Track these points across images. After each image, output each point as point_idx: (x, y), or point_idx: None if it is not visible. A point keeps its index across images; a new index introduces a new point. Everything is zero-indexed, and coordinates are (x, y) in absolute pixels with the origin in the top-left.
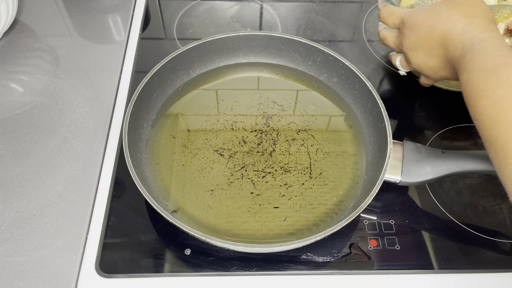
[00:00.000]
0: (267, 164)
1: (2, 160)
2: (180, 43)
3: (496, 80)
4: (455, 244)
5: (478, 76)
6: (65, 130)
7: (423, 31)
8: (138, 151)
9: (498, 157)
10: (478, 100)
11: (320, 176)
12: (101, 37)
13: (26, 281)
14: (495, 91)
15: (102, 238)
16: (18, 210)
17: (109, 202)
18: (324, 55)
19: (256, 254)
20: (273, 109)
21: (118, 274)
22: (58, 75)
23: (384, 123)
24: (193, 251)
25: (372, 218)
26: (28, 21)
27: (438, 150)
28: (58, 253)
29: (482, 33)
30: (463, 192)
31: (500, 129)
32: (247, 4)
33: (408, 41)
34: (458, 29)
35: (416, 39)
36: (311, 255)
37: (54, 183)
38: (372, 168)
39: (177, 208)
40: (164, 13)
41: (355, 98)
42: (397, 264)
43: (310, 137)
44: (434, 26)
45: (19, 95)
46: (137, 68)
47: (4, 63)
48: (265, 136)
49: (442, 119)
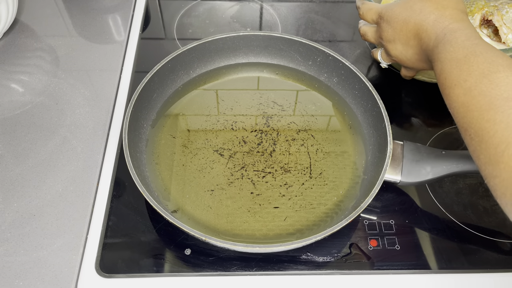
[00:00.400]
0: (267, 164)
1: (2, 160)
2: (180, 43)
3: (467, 69)
4: (455, 244)
5: (451, 65)
6: (65, 130)
7: (399, 23)
8: (138, 151)
9: (473, 143)
10: (451, 89)
11: (320, 176)
12: (101, 37)
13: (26, 281)
14: (466, 79)
15: (102, 238)
16: (18, 210)
17: (109, 202)
18: (324, 55)
19: (256, 254)
20: (273, 109)
21: (118, 274)
22: (58, 75)
23: (384, 123)
24: (193, 251)
25: (372, 218)
26: (28, 21)
27: (438, 150)
28: (58, 253)
29: (453, 23)
30: (463, 192)
31: (473, 116)
32: (247, 4)
33: (386, 34)
34: (430, 20)
35: (393, 32)
36: (311, 255)
37: (54, 183)
38: (372, 168)
39: (177, 208)
40: (164, 13)
41: (355, 98)
42: (397, 264)
43: (310, 137)
44: (409, 18)
45: (19, 95)
46: (137, 68)
47: (4, 63)
48: (265, 136)
49: (442, 119)
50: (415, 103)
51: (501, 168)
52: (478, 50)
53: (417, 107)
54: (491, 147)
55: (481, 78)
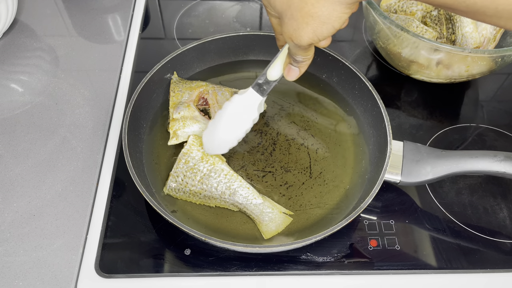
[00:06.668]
0: (267, 164)
1: (2, 160)
2: (180, 43)
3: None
4: (455, 244)
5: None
6: (65, 130)
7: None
8: (137, 151)
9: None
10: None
11: (320, 176)
12: (101, 37)
13: (25, 281)
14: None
15: (102, 238)
16: (18, 210)
17: (109, 202)
18: (324, 55)
19: (256, 254)
20: (273, 108)
21: (117, 274)
22: (58, 75)
23: (384, 123)
24: (193, 251)
25: (372, 218)
26: (28, 21)
27: (438, 150)
28: (58, 253)
29: None
30: (463, 192)
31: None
32: (247, 4)
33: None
34: None
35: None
36: (311, 255)
37: (53, 183)
38: (372, 168)
39: (177, 208)
40: (164, 13)
41: (355, 98)
42: (397, 264)
43: (310, 137)
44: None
45: (19, 95)
46: (137, 68)
47: (4, 63)
48: (265, 136)
49: (442, 119)
50: (415, 103)
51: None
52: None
53: (417, 107)
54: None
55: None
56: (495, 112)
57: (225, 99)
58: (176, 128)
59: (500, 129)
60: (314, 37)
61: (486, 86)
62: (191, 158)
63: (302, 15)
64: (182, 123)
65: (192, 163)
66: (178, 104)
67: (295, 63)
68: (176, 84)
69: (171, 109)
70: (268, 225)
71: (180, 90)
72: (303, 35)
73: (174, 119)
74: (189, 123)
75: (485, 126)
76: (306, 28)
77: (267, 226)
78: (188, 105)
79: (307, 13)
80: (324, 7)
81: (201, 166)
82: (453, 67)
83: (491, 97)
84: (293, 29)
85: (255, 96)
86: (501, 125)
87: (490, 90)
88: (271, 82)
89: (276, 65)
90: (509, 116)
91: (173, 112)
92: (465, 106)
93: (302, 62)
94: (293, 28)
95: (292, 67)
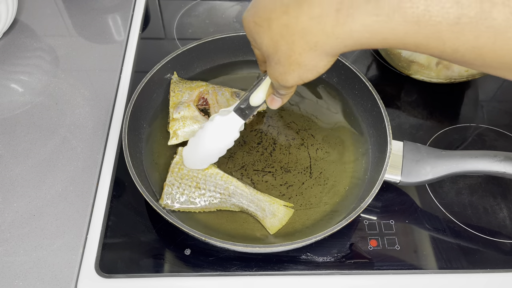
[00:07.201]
0: (267, 164)
1: (2, 160)
2: (180, 43)
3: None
4: (455, 244)
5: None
6: (65, 130)
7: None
8: (138, 151)
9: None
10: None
11: (320, 176)
12: (101, 37)
13: (25, 281)
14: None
15: (102, 238)
16: (18, 210)
17: (109, 202)
18: None
19: (256, 254)
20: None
21: (117, 274)
22: (58, 75)
23: (384, 123)
24: (193, 251)
25: (372, 218)
26: (28, 21)
27: (438, 150)
28: (58, 253)
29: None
30: (463, 192)
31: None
32: (247, 4)
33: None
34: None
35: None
36: (311, 255)
37: (54, 183)
38: (372, 168)
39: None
40: (164, 13)
41: (355, 98)
42: (397, 264)
43: (310, 137)
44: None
45: (19, 95)
46: (137, 68)
47: (4, 63)
48: (265, 136)
49: (442, 119)
50: (415, 103)
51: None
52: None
53: (417, 107)
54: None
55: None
56: (495, 112)
57: (225, 99)
58: (176, 128)
59: (500, 129)
60: (299, 80)
61: (486, 86)
62: (184, 166)
63: (290, 62)
64: (182, 123)
65: (186, 170)
66: (178, 104)
67: (278, 95)
68: (176, 84)
69: (171, 109)
70: (271, 220)
71: (180, 90)
72: (289, 79)
73: (174, 119)
74: (189, 123)
75: (485, 126)
76: (293, 74)
77: (271, 221)
78: (188, 105)
79: (295, 61)
80: (311, 57)
81: (195, 172)
82: (453, 67)
83: (491, 97)
84: (279, 73)
85: (236, 119)
86: (501, 125)
87: (490, 90)
88: (253, 108)
89: (259, 92)
90: (509, 116)
91: (173, 112)
92: (465, 106)
93: (285, 95)
94: (279, 72)
95: (275, 97)
